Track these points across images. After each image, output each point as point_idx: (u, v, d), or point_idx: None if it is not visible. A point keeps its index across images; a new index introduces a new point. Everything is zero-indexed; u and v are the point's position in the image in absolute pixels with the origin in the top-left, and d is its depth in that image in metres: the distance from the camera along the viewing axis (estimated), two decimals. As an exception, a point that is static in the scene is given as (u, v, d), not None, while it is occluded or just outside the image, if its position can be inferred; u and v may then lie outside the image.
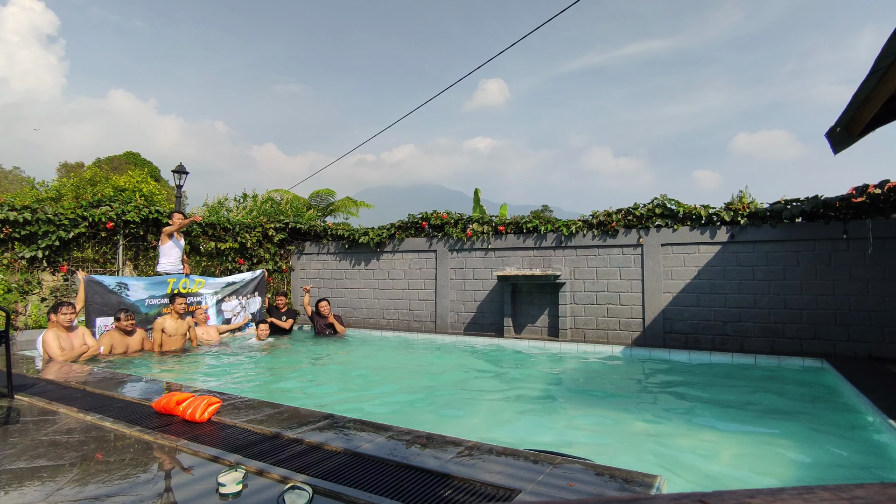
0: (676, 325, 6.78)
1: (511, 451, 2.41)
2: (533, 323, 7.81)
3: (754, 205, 6.56)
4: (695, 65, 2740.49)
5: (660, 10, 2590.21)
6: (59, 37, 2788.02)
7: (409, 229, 9.04)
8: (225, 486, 1.97)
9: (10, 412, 3.25)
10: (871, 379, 4.56)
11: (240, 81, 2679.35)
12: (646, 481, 2.03)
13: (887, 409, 3.41)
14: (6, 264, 6.95)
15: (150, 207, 8.41)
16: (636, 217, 7.13)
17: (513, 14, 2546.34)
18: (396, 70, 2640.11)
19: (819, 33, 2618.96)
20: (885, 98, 3.26)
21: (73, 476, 2.17)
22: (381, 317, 9.21)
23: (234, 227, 9.47)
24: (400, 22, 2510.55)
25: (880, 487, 0.64)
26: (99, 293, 6.59)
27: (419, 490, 1.98)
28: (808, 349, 6.08)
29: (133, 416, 3.06)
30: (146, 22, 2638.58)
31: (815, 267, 6.13)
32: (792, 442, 3.30)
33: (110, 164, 30.91)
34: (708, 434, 3.48)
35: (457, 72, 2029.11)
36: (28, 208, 7.13)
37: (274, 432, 2.69)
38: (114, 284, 6.80)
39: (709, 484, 2.68)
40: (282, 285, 10.04)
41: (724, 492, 0.63)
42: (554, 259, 7.70)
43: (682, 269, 6.82)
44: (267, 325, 7.86)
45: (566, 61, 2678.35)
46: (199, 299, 7.90)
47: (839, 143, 4.13)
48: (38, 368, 4.85)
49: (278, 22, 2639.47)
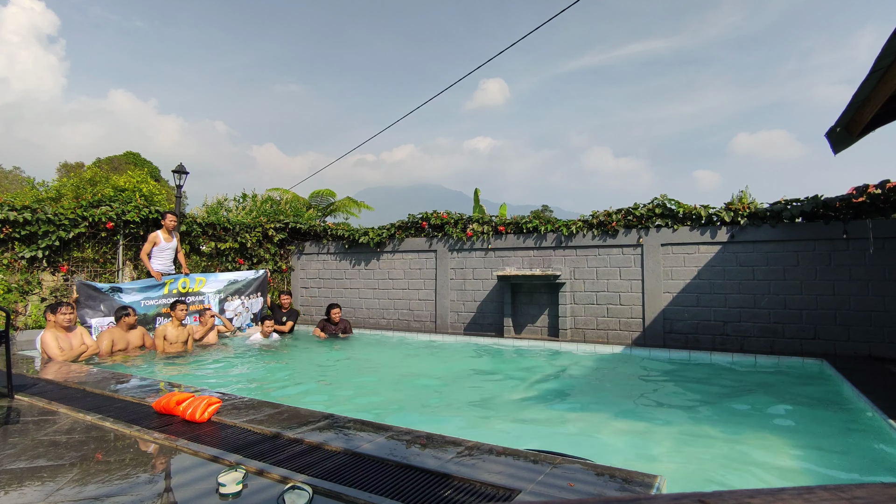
0: (676, 325, 6.78)
1: (511, 451, 2.41)
2: (533, 323, 7.81)
3: (754, 205, 6.56)
4: (695, 65, 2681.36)
5: (660, 10, 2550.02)
6: (60, 37, 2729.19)
7: (409, 229, 9.04)
8: (225, 486, 1.97)
9: (10, 412, 3.25)
10: (871, 379, 4.56)
11: (240, 81, 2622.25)
12: (646, 481, 2.03)
13: (887, 409, 3.41)
14: (6, 264, 6.95)
15: (150, 207, 8.40)
16: (636, 217, 7.13)
17: (513, 14, 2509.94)
18: (396, 70, 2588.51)
19: (819, 33, 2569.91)
20: (885, 98, 3.26)
21: (73, 476, 2.17)
22: (381, 317, 9.20)
23: (234, 227, 9.47)
24: (400, 22, 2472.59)
25: (880, 487, 0.64)
26: (92, 296, 6.64)
27: (419, 490, 1.98)
28: (808, 349, 6.08)
29: (133, 416, 3.06)
30: (146, 22, 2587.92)
31: (815, 267, 6.12)
32: (792, 442, 3.31)
33: (110, 164, 30.92)
34: (708, 434, 3.48)
35: (457, 72, 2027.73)
36: (28, 208, 7.13)
37: (274, 432, 2.69)
38: (107, 289, 6.85)
39: (709, 484, 2.68)
40: (282, 285, 10.04)
41: (724, 492, 0.63)
42: (554, 259, 7.70)
43: (682, 269, 6.82)
44: (272, 321, 7.82)
45: (566, 61, 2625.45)
46: (202, 298, 7.90)
47: (839, 143, 4.13)
48: (38, 368, 4.85)
49: (278, 22, 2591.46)
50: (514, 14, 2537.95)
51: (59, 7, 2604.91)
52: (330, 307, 8.36)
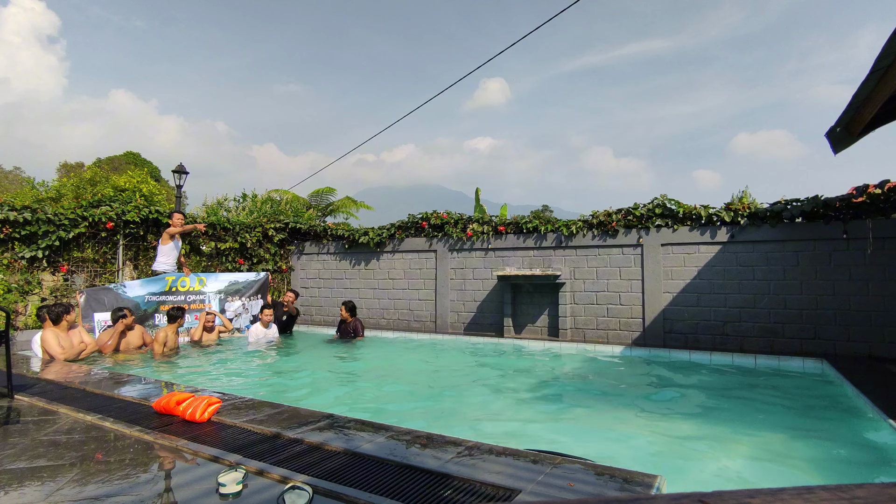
0: (676, 325, 6.78)
1: (511, 451, 2.41)
2: (533, 323, 7.81)
3: (754, 205, 6.56)
4: (695, 65, 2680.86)
5: (660, 10, 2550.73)
6: (60, 37, 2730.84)
7: (409, 229, 9.04)
8: (225, 486, 1.97)
9: (10, 412, 3.25)
10: (871, 379, 4.56)
11: (240, 81, 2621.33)
12: (646, 481, 2.03)
13: (887, 409, 3.41)
14: (6, 264, 6.95)
15: (150, 207, 8.41)
16: (636, 217, 7.13)
17: (513, 14, 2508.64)
18: (397, 70, 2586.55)
19: (819, 33, 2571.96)
20: (884, 98, 3.26)
21: (73, 476, 2.17)
22: (381, 317, 9.20)
23: (234, 227, 9.47)
24: (400, 22, 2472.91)
25: (880, 487, 0.64)
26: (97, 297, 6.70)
27: (419, 490, 1.98)
28: (808, 349, 6.08)
29: (133, 416, 3.06)
30: (146, 22, 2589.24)
31: (814, 267, 6.12)
32: (792, 442, 3.31)
33: (110, 164, 30.92)
34: (707, 434, 3.48)
35: (457, 71, 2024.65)
36: (28, 208, 7.13)
37: (274, 432, 2.69)
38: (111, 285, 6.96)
39: (709, 484, 2.68)
40: (282, 285, 10.04)
41: (724, 492, 0.63)
42: (554, 259, 7.70)
43: (682, 269, 6.82)
44: (271, 310, 7.75)
45: (566, 61, 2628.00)
46: (203, 297, 7.90)
47: (839, 143, 4.14)
48: (38, 368, 4.85)
49: (278, 22, 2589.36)
50: (514, 14, 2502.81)
51: (60, 7, 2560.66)
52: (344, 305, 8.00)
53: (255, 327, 7.63)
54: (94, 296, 6.73)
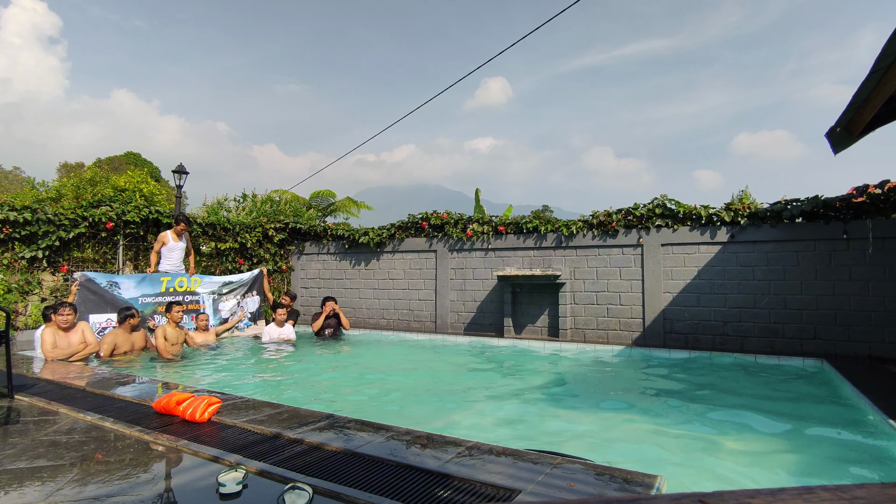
0: (676, 325, 6.78)
1: (511, 451, 2.41)
2: (533, 323, 7.81)
3: (754, 205, 6.56)
4: (695, 65, 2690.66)
5: (660, 10, 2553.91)
6: (62, 38, 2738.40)
7: (409, 229, 9.04)
8: (225, 486, 1.97)
9: (10, 412, 3.25)
10: (871, 379, 4.56)
11: (240, 81, 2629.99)
12: (646, 481, 2.03)
13: (887, 409, 3.41)
14: (6, 264, 6.95)
15: (150, 207, 8.41)
16: (636, 217, 7.13)
17: (513, 14, 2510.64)
18: (397, 70, 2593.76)
19: (819, 33, 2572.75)
20: (885, 98, 3.26)
21: (73, 476, 2.17)
22: (381, 317, 9.20)
23: (234, 227, 9.47)
24: (400, 22, 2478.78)
25: (880, 487, 0.64)
26: (92, 290, 6.65)
27: (419, 490, 1.98)
28: (808, 349, 6.07)
29: (133, 416, 3.06)
30: (145, 22, 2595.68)
31: (815, 267, 6.12)
32: (792, 442, 3.30)
33: (110, 164, 30.92)
34: (707, 434, 3.48)
35: (457, 71, 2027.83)
36: (28, 208, 7.13)
37: (274, 432, 2.69)
38: (105, 283, 6.83)
39: (709, 484, 2.68)
40: (282, 285, 10.05)
41: (724, 492, 0.63)
42: (554, 259, 7.70)
43: (682, 270, 6.82)
44: (285, 309, 7.71)
45: (566, 61, 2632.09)
46: (197, 298, 7.90)
47: (839, 143, 4.13)
48: (38, 368, 4.85)
49: (278, 22, 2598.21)
50: (514, 14, 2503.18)
51: (61, 8, 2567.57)
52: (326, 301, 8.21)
53: (269, 327, 7.59)
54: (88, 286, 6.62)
